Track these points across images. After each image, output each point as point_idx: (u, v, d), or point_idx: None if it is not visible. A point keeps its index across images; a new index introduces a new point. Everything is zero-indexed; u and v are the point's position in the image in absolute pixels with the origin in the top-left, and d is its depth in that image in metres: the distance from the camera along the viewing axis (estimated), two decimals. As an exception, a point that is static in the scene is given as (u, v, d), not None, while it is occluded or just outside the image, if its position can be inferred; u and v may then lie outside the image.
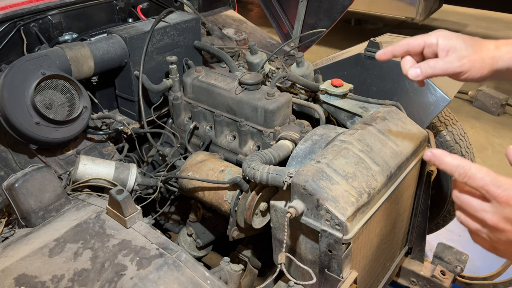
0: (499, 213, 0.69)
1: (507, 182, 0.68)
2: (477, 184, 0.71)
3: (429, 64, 0.97)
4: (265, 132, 1.62)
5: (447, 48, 0.97)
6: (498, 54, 0.95)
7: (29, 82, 1.49)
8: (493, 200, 0.69)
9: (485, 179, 0.70)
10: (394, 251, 1.79)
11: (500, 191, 0.68)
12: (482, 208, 0.71)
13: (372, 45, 1.89)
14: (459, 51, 0.95)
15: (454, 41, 0.96)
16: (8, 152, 1.59)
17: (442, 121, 2.11)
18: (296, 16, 2.85)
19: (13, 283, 1.08)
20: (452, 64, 0.95)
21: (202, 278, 1.08)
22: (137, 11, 2.19)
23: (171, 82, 1.89)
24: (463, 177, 0.72)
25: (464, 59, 0.94)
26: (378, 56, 1.09)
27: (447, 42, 0.97)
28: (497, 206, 0.69)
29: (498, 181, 0.69)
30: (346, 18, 7.37)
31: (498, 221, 0.69)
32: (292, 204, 1.25)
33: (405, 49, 1.03)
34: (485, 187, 0.69)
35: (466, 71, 0.95)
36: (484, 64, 0.95)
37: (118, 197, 1.20)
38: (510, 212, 0.67)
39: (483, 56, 0.95)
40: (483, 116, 4.67)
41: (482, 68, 0.95)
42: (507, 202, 0.67)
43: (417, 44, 1.00)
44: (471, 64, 0.94)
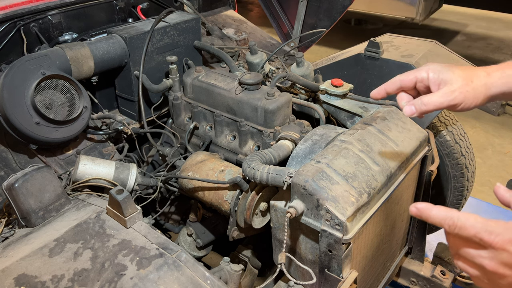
0: (496, 259, 0.68)
1: (498, 225, 0.68)
2: (468, 233, 0.70)
3: (422, 101, 0.98)
4: (265, 132, 1.62)
5: (438, 82, 0.98)
6: (490, 81, 0.95)
7: (29, 82, 1.49)
8: (489, 246, 0.68)
9: (476, 227, 0.69)
10: (394, 251, 1.79)
11: (493, 237, 0.67)
12: (479, 254, 0.70)
13: (372, 45, 1.89)
14: (450, 84, 0.96)
15: (444, 74, 0.97)
16: (8, 152, 1.59)
17: (442, 121, 2.11)
18: (296, 16, 2.85)
19: (13, 283, 1.07)
20: (445, 98, 0.96)
21: (202, 278, 1.08)
22: (137, 11, 2.19)
23: (171, 82, 1.89)
24: (453, 228, 0.71)
25: (456, 92, 0.95)
26: (372, 95, 1.11)
27: (437, 76, 0.98)
28: (494, 252, 0.68)
29: (489, 227, 0.68)
30: (346, 18, 7.37)
31: (496, 267, 0.68)
32: (292, 204, 1.25)
33: (398, 85, 1.05)
34: (477, 235, 0.68)
35: (460, 103, 0.96)
36: (477, 93, 0.95)
37: (118, 197, 1.20)
38: (507, 257, 0.67)
39: (475, 86, 0.95)
40: (483, 116, 4.67)
41: (476, 98, 0.95)
42: (503, 247, 0.66)
43: (409, 80, 1.02)
44: (464, 95, 0.95)
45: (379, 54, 1.87)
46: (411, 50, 1.94)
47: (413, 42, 2.07)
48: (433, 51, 1.97)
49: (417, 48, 1.96)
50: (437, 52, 1.99)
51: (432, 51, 1.96)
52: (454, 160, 2.10)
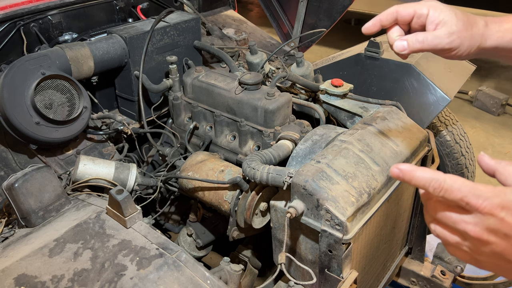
0: (482, 224, 0.64)
1: (487, 190, 0.63)
2: (454, 196, 0.65)
3: (417, 38, 0.91)
4: (265, 132, 1.62)
5: (437, 21, 0.91)
6: (488, 32, 0.91)
7: (29, 82, 1.49)
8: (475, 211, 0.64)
9: (463, 190, 0.64)
10: (394, 251, 1.79)
11: (481, 201, 0.62)
12: (463, 219, 0.65)
13: (372, 45, 1.89)
14: (449, 25, 0.89)
15: (446, 14, 0.90)
16: (8, 152, 1.59)
17: (442, 121, 2.11)
18: (296, 16, 2.85)
19: (13, 283, 1.07)
20: (442, 40, 0.90)
21: (202, 278, 1.08)
22: (137, 11, 2.19)
23: (171, 82, 1.89)
24: (439, 190, 0.66)
25: (454, 35, 0.89)
26: (365, 28, 1.01)
27: (438, 15, 0.90)
28: (480, 217, 0.63)
29: (477, 191, 0.63)
30: (346, 18, 7.36)
31: (481, 232, 0.64)
32: (292, 204, 1.25)
33: (394, 17, 0.96)
34: (464, 198, 0.64)
35: (455, 48, 0.90)
36: (473, 41, 0.91)
37: (118, 197, 1.20)
38: (494, 223, 0.62)
39: (473, 33, 0.90)
40: (483, 116, 4.67)
41: (471, 46, 0.91)
42: (490, 212, 0.62)
43: (407, 13, 0.94)
44: (461, 41, 0.90)
45: (379, 54, 1.87)
46: (411, 50, 1.94)
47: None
48: (433, 51, 1.97)
49: (417, 48, 1.96)
50: (437, 52, 1.99)
51: (432, 51, 1.96)
52: (454, 160, 2.10)
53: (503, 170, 0.69)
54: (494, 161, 0.71)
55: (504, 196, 0.62)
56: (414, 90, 1.79)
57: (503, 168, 0.69)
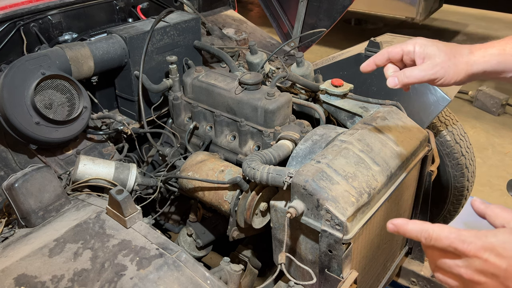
0: (471, 267, 0.70)
1: (470, 235, 0.70)
2: (443, 244, 0.72)
3: (405, 73, 1.02)
4: (265, 132, 1.62)
5: (423, 56, 1.01)
6: (473, 59, 0.98)
7: (29, 82, 1.49)
8: (463, 255, 0.71)
9: (449, 237, 0.71)
10: (394, 251, 1.79)
11: (466, 246, 0.70)
12: (456, 264, 0.72)
13: (372, 45, 1.89)
14: (433, 58, 0.99)
15: (429, 48, 1.01)
16: (8, 152, 1.59)
17: (442, 121, 2.11)
18: (296, 16, 2.85)
19: (13, 283, 1.07)
20: (426, 72, 0.99)
21: (202, 278, 1.08)
22: (137, 11, 2.19)
23: (171, 82, 1.89)
24: (429, 240, 0.74)
25: (438, 66, 0.98)
26: (362, 68, 1.13)
27: (423, 50, 1.01)
28: (468, 260, 0.70)
29: (462, 236, 0.70)
30: (346, 18, 7.36)
31: (472, 274, 0.70)
32: (292, 204, 1.25)
33: (386, 57, 1.08)
34: (452, 245, 0.71)
35: (441, 77, 0.99)
36: (458, 69, 0.98)
37: (118, 197, 1.20)
38: (480, 264, 0.69)
39: (457, 62, 0.98)
40: (483, 116, 4.67)
41: (457, 74, 0.99)
42: (475, 255, 0.69)
43: (396, 52, 1.06)
44: (445, 70, 0.98)
45: (379, 54, 1.87)
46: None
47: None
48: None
49: (417, 48, 1.96)
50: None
51: (432, 51, 1.96)
52: (454, 160, 2.10)
53: (491, 212, 0.77)
54: (484, 205, 0.78)
55: (486, 238, 0.69)
56: (414, 90, 1.79)
57: (491, 211, 0.77)
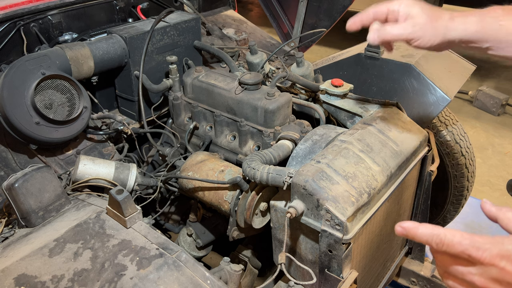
0: (486, 275, 0.67)
1: (486, 241, 0.67)
2: (456, 250, 0.69)
3: (385, 29, 1.04)
4: (265, 132, 1.62)
5: (405, 15, 1.02)
6: (452, 25, 0.99)
7: (29, 82, 1.49)
8: (477, 263, 0.67)
9: (463, 243, 0.68)
10: (394, 251, 1.79)
11: (481, 253, 0.66)
12: (469, 271, 0.69)
13: (372, 45, 1.89)
14: (415, 18, 1.01)
15: (413, 9, 1.02)
16: (8, 152, 1.59)
17: (442, 121, 2.11)
18: (296, 16, 2.85)
19: (13, 283, 1.07)
20: (405, 30, 1.01)
21: (202, 278, 1.08)
22: (137, 11, 2.19)
23: (171, 82, 1.89)
24: (441, 246, 0.70)
25: (417, 26, 1.00)
26: (348, 27, 1.14)
27: (407, 9, 1.03)
28: (483, 267, 0.67)
29: (476, 243, 0.67)
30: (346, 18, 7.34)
31: (487, 283, 0.67)
32: (292, 204, 1.25)
33: (372, 16, 1.10)
34: (465, 251, 0.68)
35: (418, 38, 1.01)
36: (436, 32, 1.00)
37: (118, 197, 1.20)
38: (496, 273, 0.66)
39: (437, 25, 0.99)
40: (483, 116, 4.67)
41: (434, 36, 1.00)
42: (491, 262, 0.66)
43: (381, 11, 1.08)
44: (423, 32, 1.00)
45: (379, 54, 1.87)
46: (411, 50, 1.94)
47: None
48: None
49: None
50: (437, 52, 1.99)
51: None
52: (454, 160, 2.10)
53: (503, 216, 0.73)
54: (496, 208, 0.75)
55: (502, 246, 0.66)
56: (414, 90, 1.79)
57: (503, 215, 0.73)
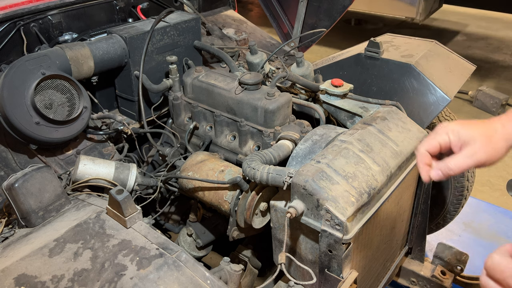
0: None
1: None
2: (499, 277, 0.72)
3: (448, 166, 1.01)
4: (265, 132, 1.62)
5: (459, 144, 1.01)
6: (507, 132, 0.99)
7: (29, 82, 1.49)
8: None
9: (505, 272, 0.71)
10: (394, 251, 1.79)
11: None
12: None
13: (372, 45, 1.89)
14: (471, 145, 0.99)
15: (464, 135, 1.00)
16: (8, 152, 1.59)
17: (442, 121, 2.11)
18: (296, 16, 2.85)
19: (13, 283, 1.07)
20: (469, 160, 0.99)
21: (202, 278, 1.08)
22: (137, 11, 2.19)
23: (171, 82, 1.89)
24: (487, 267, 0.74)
25: (478, 152, 0.98)
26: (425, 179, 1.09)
27: (458, 138, 1.01)
28: None
29: None
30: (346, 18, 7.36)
31: None
32: (292, 204, 1.25)
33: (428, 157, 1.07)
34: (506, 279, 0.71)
35: (483, 162, 0.99)
36: (498, 147, 0.99)
37: (118, 197, 1.20)
38: None
39: (494, 142, 0.99)
40: (483, 116, 4.66)
41: (498, 152, 0.99)
42: None
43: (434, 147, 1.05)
44: (486, 154, 0.99)
45: (379, 54, 1.87)
46: (411, 50, 1.94)
47: (413, 42, 2.07)
48: (433, 51, 1.97)
49: (417, 48, 1.97)
50: (437, 52, 1.99)
51: (432, 51, 1.96)
52: (454, 160, 2.10)
53: None
54: None
55: None
56: (414, 90, 1.79)
57: None
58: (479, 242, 2.94)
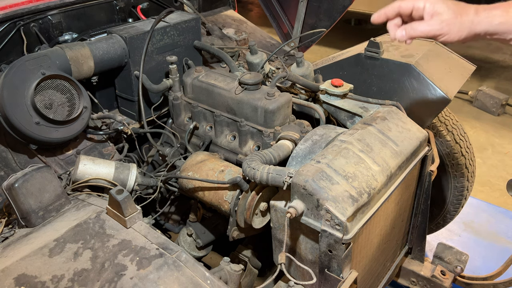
0: None
1: None
2: None
3: (412, 26, 1.10)
4: (265, 132, 1.62)
5: (432, 12, 1.08)
6: (477, 19, 1.05)
7: (29, 82, 1.49)
8: None
9: None
10: (394, 251, 1.79)
11: None
12: None
13: (372, 45, 1.89)
14: (441, 15, 1.07)
15: (439, 5, 1.08)
16: (8, 152, 1.59)
17: (442, 121, 2.11)
18: (296, 16, 2.85)
19: (13, 283, 1.08)
20: (432, 27, 1.07)
21: (202, 278, 1.08)
22: (137, 11, 2.19)
23: (171, 82, 1.89)
24: None
25: (444, 23, 1.06)
26: (373, 19, 1.19)
27: (432, 6, 1.09)
28: None
29: None
30: (346, 18, 7.36)
31: None
32: (292, 204, 1.25)
33: (396, 10, 1.15)
34: None
35: (445, 33, 1.07)
36: (462, 27, 1.06)
37: (118, 197, 1.20)
38: None
39: (462, 21, 1.06)
40: (483, 116, 4.67)
41: (460, 31, 1.06)
42: None
43: (407, 7, 1.13)
44: (449, 27, 1.06)
45: (379, 54, 1.87)
46: (411, 50, 1.94)
47: (413, 42, 2.07)
48: (433, 51, 1.97)
49: (417, 48, 1.96)
50: (437, 52, 1.99)
51: (432, 51, 1.96)
52: (454, 160, 2.10)
53: None
54: None
55: None
56: (414, 90, 1.79)
57: None
58: (479, 242, 2.94)
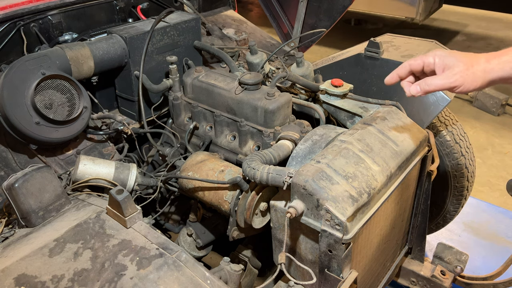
0: None
1: None
2: None
3: (426, 82, 1.14)
4: (265, 132, 1.62)
5: (442, 67, 1.12)
6: (489, 67, 1.07)
7: (29, 82, 1.49)
8: None
9: None
10: (394, 251, 1.79)
11: None
12: None
13: (372, 45, 1.89)
14: (452, 68, 1.10)
15: (448, 59, 1.12)
16: (8, 152, 1.59)
17: (442, 121, 2.11)
18: (296, 16, 2.85)
19: (13, 283, 1.08)
20: (446, 81, 1.10)
21: (202, 278, 1.08)
22: (137, 11, 2.19)
23: (171, 82, 1.89)
24: None
25: (457, 75, 1.09)
26: (386, 81, 1.24)
27: (442, 61, 1.12)
28: None
29: None
30: (346, 18, 7.37)
31: None
32: (292, 204, 1.25)
33: (408, 69, 1.20)
34: None
35: (460, 85, 1.09)
36: (476, 77, 1.08)
37: (118, 197, 1.20)
38: None
39: (474, 70, 1.08)
40: (483, 116, 4.67)
41: (475, 81, 1.09)
42: None
43: (417, 64, 1.18)
44: (463, 79, 1.09)
45: (379, 54, 1.87)
46: (411, 50, 1.94)
47: (413, 42, 2.07)
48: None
49: (417, 48, 1.97)
50: (437, 52, 1.99)
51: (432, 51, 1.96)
52: (454, 160, 2.10)
53: None
54: None
55: None
56: (414, 90, 1.78)
57: None
58: (479, 242, 2.94)
